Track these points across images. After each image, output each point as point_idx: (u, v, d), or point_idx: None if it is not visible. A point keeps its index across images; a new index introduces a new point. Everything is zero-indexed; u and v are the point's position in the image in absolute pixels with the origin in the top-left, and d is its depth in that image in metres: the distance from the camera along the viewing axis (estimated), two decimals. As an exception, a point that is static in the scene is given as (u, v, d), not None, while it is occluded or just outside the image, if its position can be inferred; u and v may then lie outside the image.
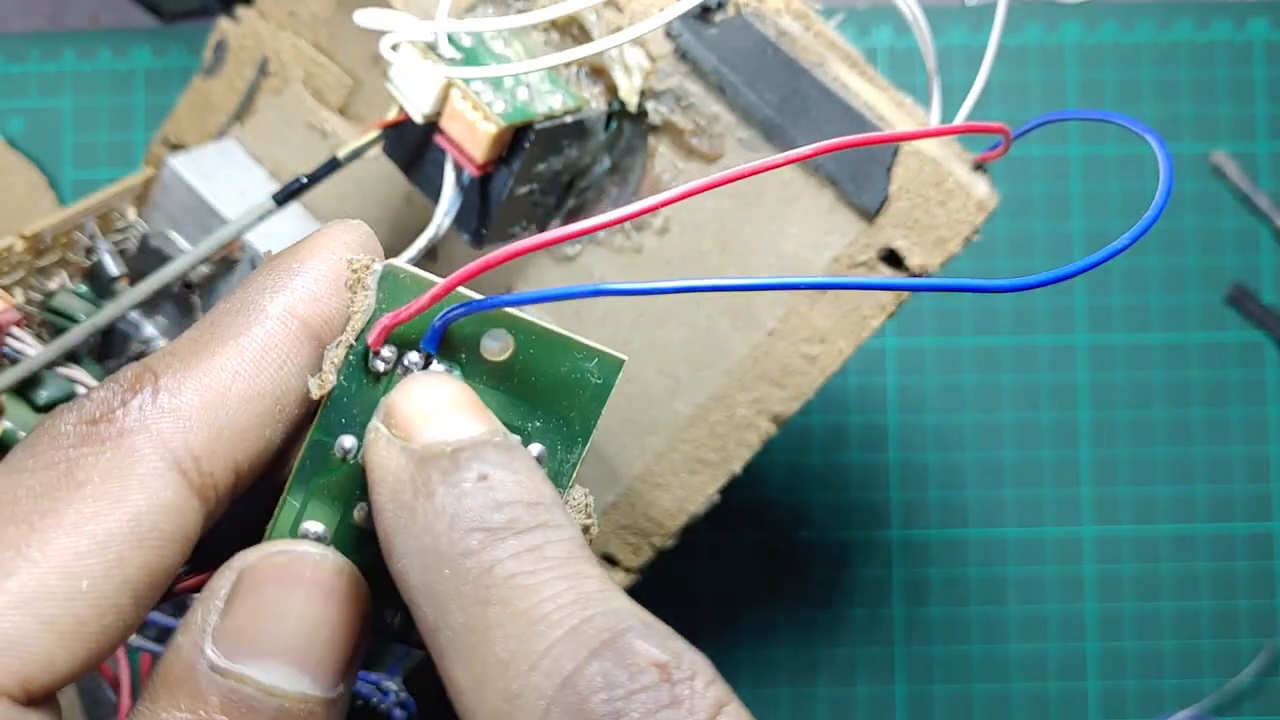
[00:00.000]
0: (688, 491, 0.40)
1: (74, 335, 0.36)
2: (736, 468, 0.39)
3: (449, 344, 0.22)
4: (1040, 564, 0.56)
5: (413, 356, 0.22)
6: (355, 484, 0.22)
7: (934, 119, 0.37)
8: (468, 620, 0.19)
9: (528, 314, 0.23)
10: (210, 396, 0.21)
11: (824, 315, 0.38)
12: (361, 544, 0.23)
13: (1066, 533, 0.56)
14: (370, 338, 0.22)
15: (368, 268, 0.22)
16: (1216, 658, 0.55)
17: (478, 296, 0.22)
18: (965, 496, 0.56)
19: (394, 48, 0.33)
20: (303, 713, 0.21)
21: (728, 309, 0.39)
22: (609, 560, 0.41)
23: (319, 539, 0.22)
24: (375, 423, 0.21)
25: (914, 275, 0.36)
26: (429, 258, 0.41)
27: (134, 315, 0.41)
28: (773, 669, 0.54)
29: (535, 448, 0.23)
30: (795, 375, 0.38)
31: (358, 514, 0.23)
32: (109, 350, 0.41)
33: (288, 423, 0.22)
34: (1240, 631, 0.55)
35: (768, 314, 0.38)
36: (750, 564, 0.55)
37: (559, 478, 0.23)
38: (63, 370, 0.36)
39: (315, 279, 0.22)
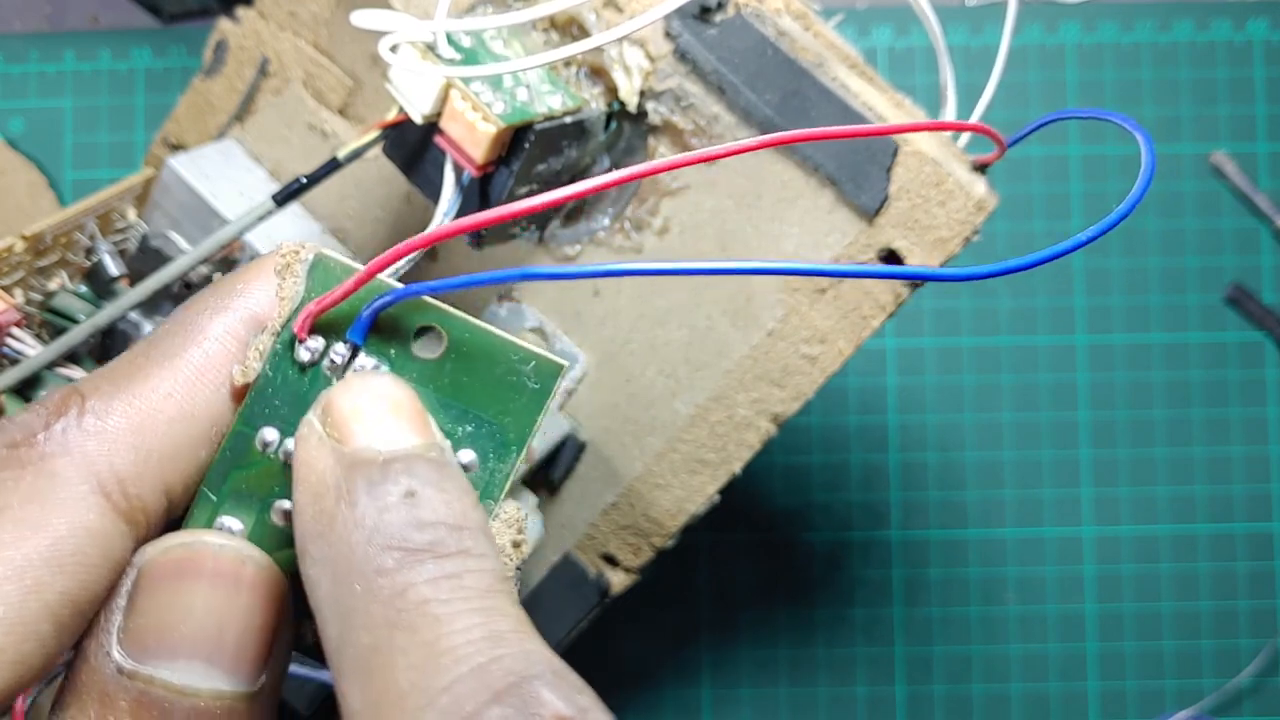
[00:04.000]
0: (688, 491, 0.40)
1: (74, 335, 0.36)
2: (736, 468, 0.39)
3: (379, 338, 0.22)
4: (1040, 564, 0.56)
5: (339, 349, 0.22)
6: (275, 480, 0.22)
7: (949, 117, 0.37)
8: (373, 641, 0.18)
9: (467, 313, 0.22)
10: (138, 418, 0.20)
11: (824, 315, 0.38)
12: (280, 543, 0.22)
13: (1066, 533, 0.56)
14: (295, 325, 0.21)
15: (297, 254, 0.22)
16: (1216, 658, 0.55)
17: (398, 285, 0.21)
18: (965, 496, 0.56)
19: (393, 49, 0.33)
20: (221, 710, 0.20)
21: (727, 309, 0.39)
22: (609, 560, 0.41)
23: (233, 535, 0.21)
24: (310, 416, 0.20)
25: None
26: (429, 258, 0.41)
27: (134, 315, 0.41)
28: (773, 669, 0.54)
29: (466, 454, 0.22)
30: (795, 375, 0.38)
31: (274, 513, 0.22)
32: (109, 350, 0.41)
33: None
34: (1240, 631, 0.55)
35: (768, 314, 0.38)
36: (750, 564, 0.55)
37: (490, 488, 0.22)
38: (63, 370, 0.36)
39: (259, 300, 0.22)
